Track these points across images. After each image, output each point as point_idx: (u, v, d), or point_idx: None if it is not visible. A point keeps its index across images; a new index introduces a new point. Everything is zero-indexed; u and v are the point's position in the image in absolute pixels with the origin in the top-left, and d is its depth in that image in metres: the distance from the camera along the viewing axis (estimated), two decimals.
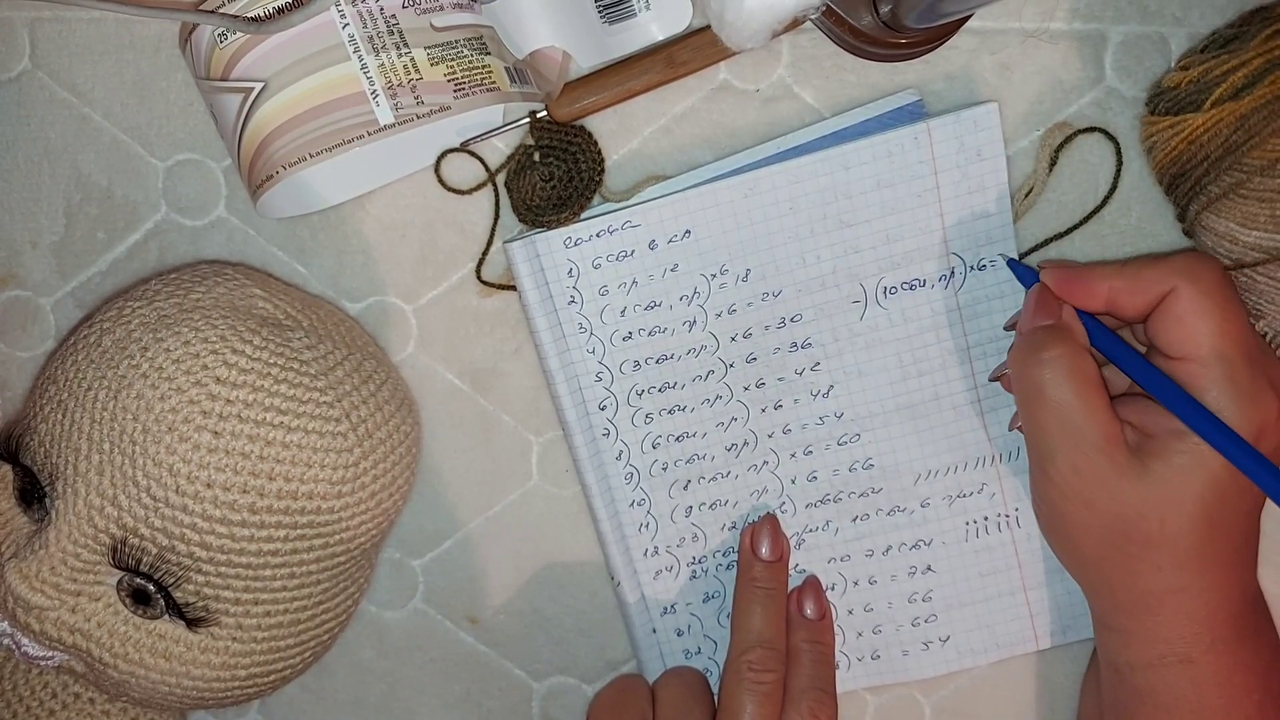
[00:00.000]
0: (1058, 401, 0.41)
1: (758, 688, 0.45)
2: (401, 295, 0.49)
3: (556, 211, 0.46)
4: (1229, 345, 0.40)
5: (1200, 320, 0.40)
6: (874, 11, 0.43)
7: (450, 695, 0.51)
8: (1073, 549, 0.43)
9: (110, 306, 0.43)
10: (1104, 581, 0.43)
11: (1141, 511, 0.40)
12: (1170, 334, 0.40)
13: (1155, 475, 0.40)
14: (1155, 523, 0.40)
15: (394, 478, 0.44)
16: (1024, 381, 0.42)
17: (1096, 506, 0.41)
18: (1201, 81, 0.42)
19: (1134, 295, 0.41)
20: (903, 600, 0.49)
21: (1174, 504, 0.40)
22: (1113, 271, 0.42)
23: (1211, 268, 0.41)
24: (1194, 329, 0.40)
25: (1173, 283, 0.40)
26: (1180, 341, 0.40)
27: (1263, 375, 0.40)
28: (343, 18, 0.41)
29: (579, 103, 0.46)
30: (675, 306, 0.47)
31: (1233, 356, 0.40)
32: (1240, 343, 0.40)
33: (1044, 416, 0.41)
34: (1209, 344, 0.40)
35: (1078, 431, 0.41)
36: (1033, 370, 0.42)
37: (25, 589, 0.39)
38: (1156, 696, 0.42)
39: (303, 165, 0.42)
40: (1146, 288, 0.41)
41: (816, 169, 0.45)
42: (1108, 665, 0.44)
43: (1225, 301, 0.40)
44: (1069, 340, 0.41)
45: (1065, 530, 0.43)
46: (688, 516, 0.49)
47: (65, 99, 0.48)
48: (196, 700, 0.43)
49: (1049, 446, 0.41)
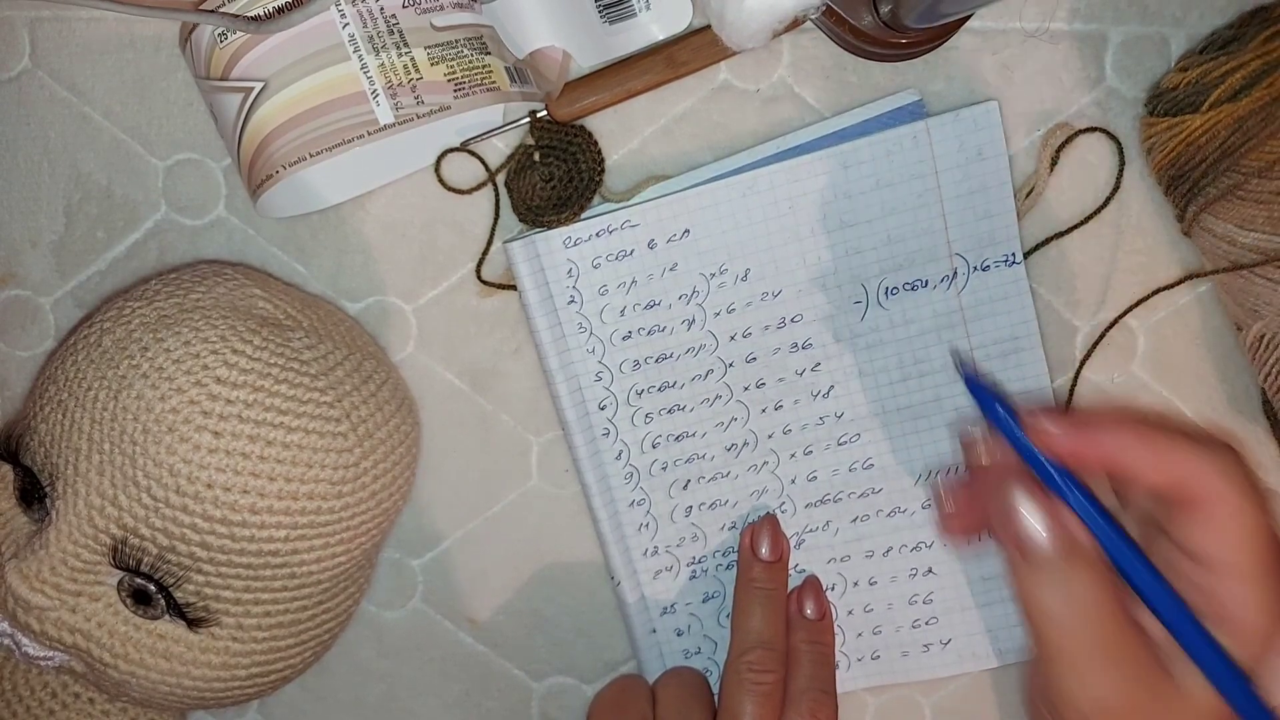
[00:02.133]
0: (1084, 638, 0.34)
1: (757, 688, 0.45)
2: (401, 295, 0.49)
3: (556, 211, 0.46)
4: (1263, 559, 0.34)
5: (1242, 528, 0.34)
6: (874, 11, 0.43)
7: (450, 695, 0.51)
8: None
9: (110, 306, 0.43)
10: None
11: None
12: (1206, 537, 0.34)
13: (1194, 689, 0.34)
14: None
15: (394, 478, 0.44)
16: (1023, 600, 0.35)
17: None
18: (1200, 83, 0.42)
19: (1153, 473, 0.34)
20: (903, 602, 0.49)
21: (1196, 715, 0.35)
22: (1130, 437, 0.34)
23: (1241, 462, 0.35)
24: (1236, 538, 0.34)
25: (1209, 483, 0.34)
26: (1215, 546, 0.34)
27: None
28: (343, 17, 0.41)
29: (579, 103, 0.46)
30: (675, 306, 0.47)
31: (1266, 571, 0.34)
32: (1271, 556, 0.34)
33: (1069, 645, 0.34)
34: (1249, 558, 0.34)
35: (1103, 666, 0.34)
36: (1034, 592, 0.34)
37: (25, 589, 0.39)
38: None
39: (303, 165, 0.42)
40: (1170, 469, 0.34)
41: (815, 168, 0.45)
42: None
43: (1261, 507, 0.34)
44: (1091, 568, 0.34)
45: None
46: (687, 516, 0.49)
47: (65, 99, 0.48)
48: (196, 700, 0.43)
49: (1073, 680, 0.35)
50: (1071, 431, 0.35)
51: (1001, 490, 0.35)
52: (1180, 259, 0.47)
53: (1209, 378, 0.48)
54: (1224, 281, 0.45)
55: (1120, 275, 0.47)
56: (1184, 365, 0.48)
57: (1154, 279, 0.47)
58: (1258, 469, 0.48)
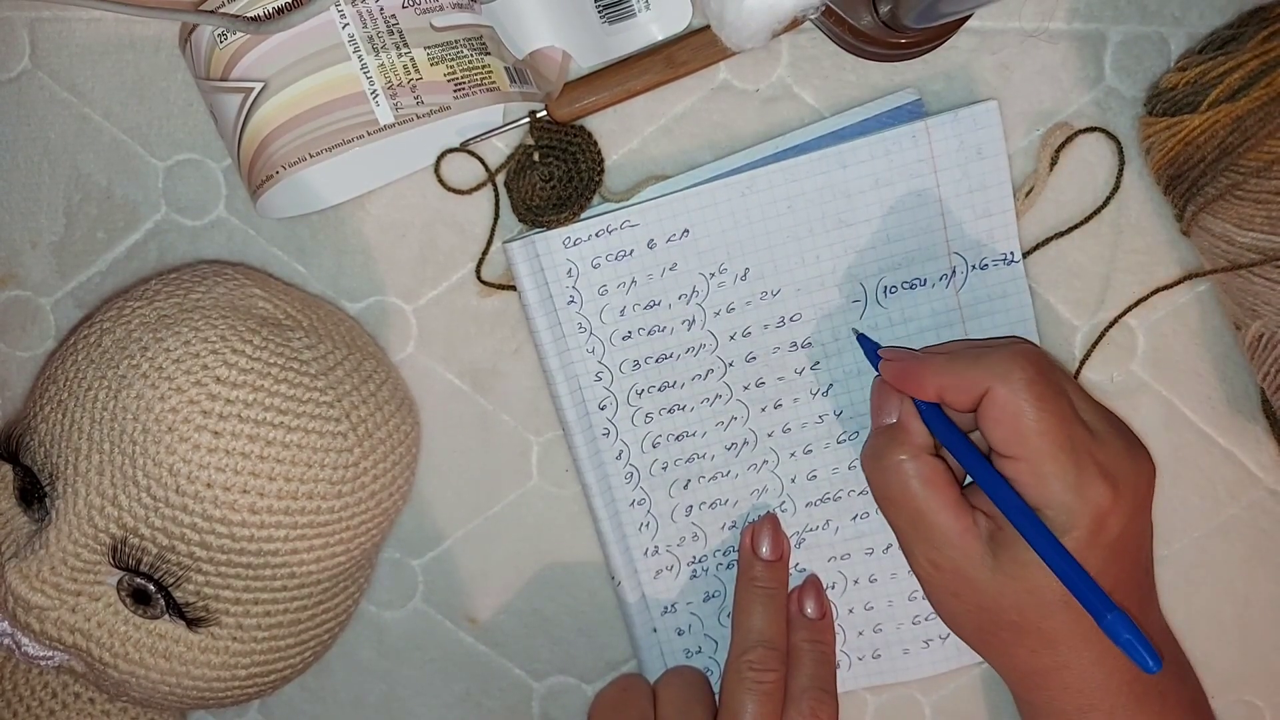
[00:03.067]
0: (903, 504, 0.42)
1: (758, 687, 0.45)
2: (401, 295, 0.49)
3: (556, 211, 0.46)
4: (1048, 442, 0.39)
5: (1016, 421, 0.40)
6: (874, 11, 0.43)
7: (450, 695, 0.51)
8: (956, 631, 0.44)
9: (110, 306, 0.43)
10: (992, 660, 0.44)
11: (1000, 602, 0.41)
12: (993, 434, 0.40)
13: (1006, 567, 0.40)
14: (1015, 612, 0.41)
15: (394, 478, 0.44)
16: (873, 485, 0.43)
17: (962, 597, 0.42)
18: (1198, 83, 0.42)
19: (959, 393, 0.41)
20: (903, 598, 0.49)
21: (1029, 593, 0.40)
22: (940, 366, 0.41)
23: (1025, 363, 0.40)
24: (1012, 430, 0.40)
25: (987, 383, 0.40)
26: (1002, 442, 0.40)
27: (1090, 463, 0.40)
28: (343, 18, 0.41)
29: (579, 103, 0.46)
30: (674, 305, 0.47)
31: (1054, 453, 0.39)
32: (1059, 438, 0.39)
33: (894, 517, 0.43)
34: (1030, 443, 0.39)
35: (928, 529, 0.41)
36: (879, 476, 0.43)
37: (25, 589, 0.39)
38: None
39: (303, 165, 0.42)
40: (968, 386, 0.41)
41: (814, 168, 0.45)
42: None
43: (1038, 398, 0.40)
44: (907, 444, 0.42)
45: (943, 617, 0.44)
46: (688, 516, 0.49)
47: (65, 99, 0.48)
48: (196, 700, 0.43)
49: (907, 544, 0.43)
50: (898, 373, 0.43)
51: (875, 390, 0.45)
52: (1179, 258, 0.47)
53: (1208, 377, 0.48)
54: (1223, 281, 0.45)
55: (1119, 275, 0.47)
56: (1183, 365, 0.48)
57: (1153, 278, 0.47)
58: (1259, 469, 0.49)
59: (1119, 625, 0.37)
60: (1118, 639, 0.37)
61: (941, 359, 0.42)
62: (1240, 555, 0.49)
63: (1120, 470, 0.40)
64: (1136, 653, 0.37)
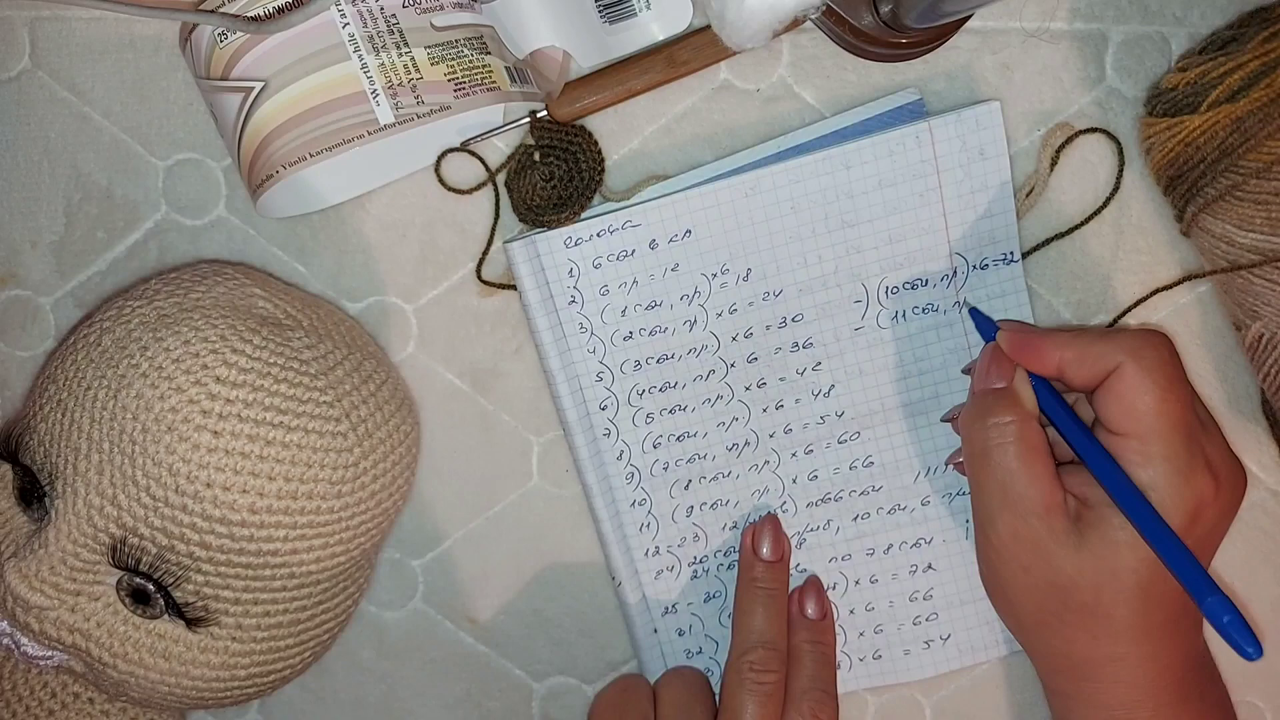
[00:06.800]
0: (1001, 466, 0.41)
1: (759, 688, 0.44)
2: (401, 295, 0.48)
3: (556, 211, 0.46)
4: (1167, 424, 0.40)
5: (1140, 398, 0.40)
6: (874, 11, 0.43)
7: (450, 695, 0.51)
8: (1011, 612, 0.43)
9: (110, 306, 0.43)
10: (1043, 646, 0.43)
11: (1077, 581, 0.41)
12: (1111, 409, 0.40)
13: (1091, 546, 0.40)
14: (1090, 593, 0.41)
15: (394, 478, 0.44)
16: (971, 443, 0.43)
17: (1033, 572, 0.41)
18: (1199, 83, 0.42)
19: (1082, 367, 0.41)
20: (904, 599, 0.49)
21: (1109, 576, 0.40)
22: (1066, 340, 0.42)
23: (1158, 345, 0.41)
24: (1133, 406, 0.40)
25: (1118, 359, 0.40)
26: (1120, 418, 0.40)
27: (1200, 454, 0.40)
28: (343, 17, 0.41)
29: (579, 102, 0.46)
30: (676, 306, 0.47)
31: (1170, 436, 0.40)
32: (1179, 422, 0.40)
33: (987, 479, 0.42)
34: (1148, 422, 0.40)
35: (1018, 497, 0.41)
36: (979, 434, 0.42)
37: (25, 588, 0.39)
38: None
39: (303, 165, 0.42)
40: (1094, 361, 0.41)
41: (818, 168, 0.45)
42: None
43: (1168, 380, 0.40)
44: (1017, 407, 0.42)
45: (1004, 593, 0.43)
46: (689, 516, 0.49)
47: (65, 99, 0.48)
48: (196, 700, 0.43)
49: (990, 509, 0.42)
50: (1017, 344, 0.43)
51: (985, 357, 0.44)
52: (1180, 259, 0.47)
53: (1209, 378, 0.48)
54: (1223, 282, 0.45)
55: (1120, 275, 0.47)
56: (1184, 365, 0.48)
57: (1154, 279, 0.47)
58: (1259, 469, 0.49)
59: (1220, 608, 0.37)
60: (1217, 622, 0.37)
61: (1067, 334, 0.42)
62: (1240, 555, 0.49)
63: (1225, 468, 0.41)
64: (1237, 637, 0.37)
